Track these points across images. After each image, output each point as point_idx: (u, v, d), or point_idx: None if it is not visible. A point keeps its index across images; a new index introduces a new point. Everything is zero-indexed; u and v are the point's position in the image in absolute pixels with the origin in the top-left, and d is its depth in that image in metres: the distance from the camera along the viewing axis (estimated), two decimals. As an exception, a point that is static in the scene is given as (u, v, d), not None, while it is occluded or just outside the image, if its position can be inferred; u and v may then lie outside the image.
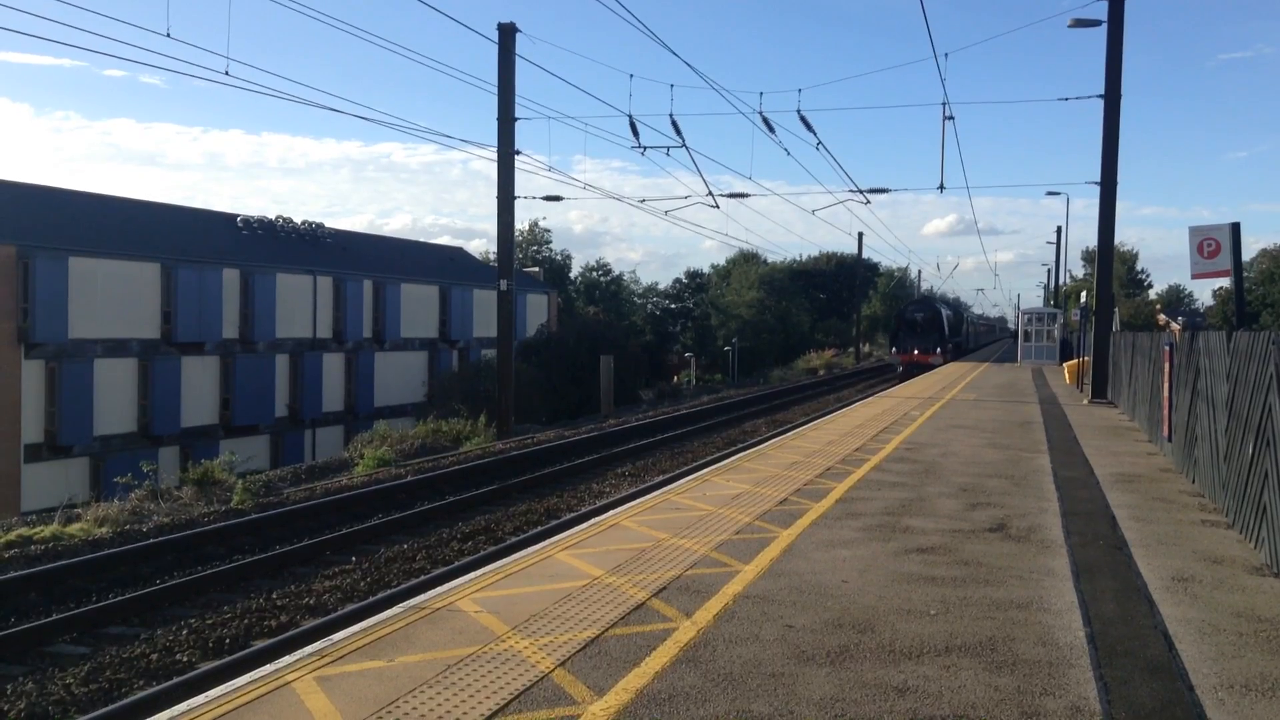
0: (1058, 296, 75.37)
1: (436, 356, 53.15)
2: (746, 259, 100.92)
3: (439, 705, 5.37)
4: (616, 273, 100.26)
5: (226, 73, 19.89)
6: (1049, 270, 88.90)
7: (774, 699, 5.52)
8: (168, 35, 17.20)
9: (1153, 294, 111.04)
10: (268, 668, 5.99)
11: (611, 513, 10.78)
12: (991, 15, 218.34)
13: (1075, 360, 36.37)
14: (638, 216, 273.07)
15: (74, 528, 15.18)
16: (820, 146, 26.38)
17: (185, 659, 9.68)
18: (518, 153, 28.34)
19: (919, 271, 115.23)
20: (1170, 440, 15.75)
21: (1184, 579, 8.32)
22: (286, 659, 6.13)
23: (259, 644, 9.90)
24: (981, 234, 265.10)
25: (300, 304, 44.72)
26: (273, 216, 50.52)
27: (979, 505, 11.40)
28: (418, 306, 52.41)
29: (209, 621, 10.72)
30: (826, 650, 6.33)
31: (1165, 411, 16.30)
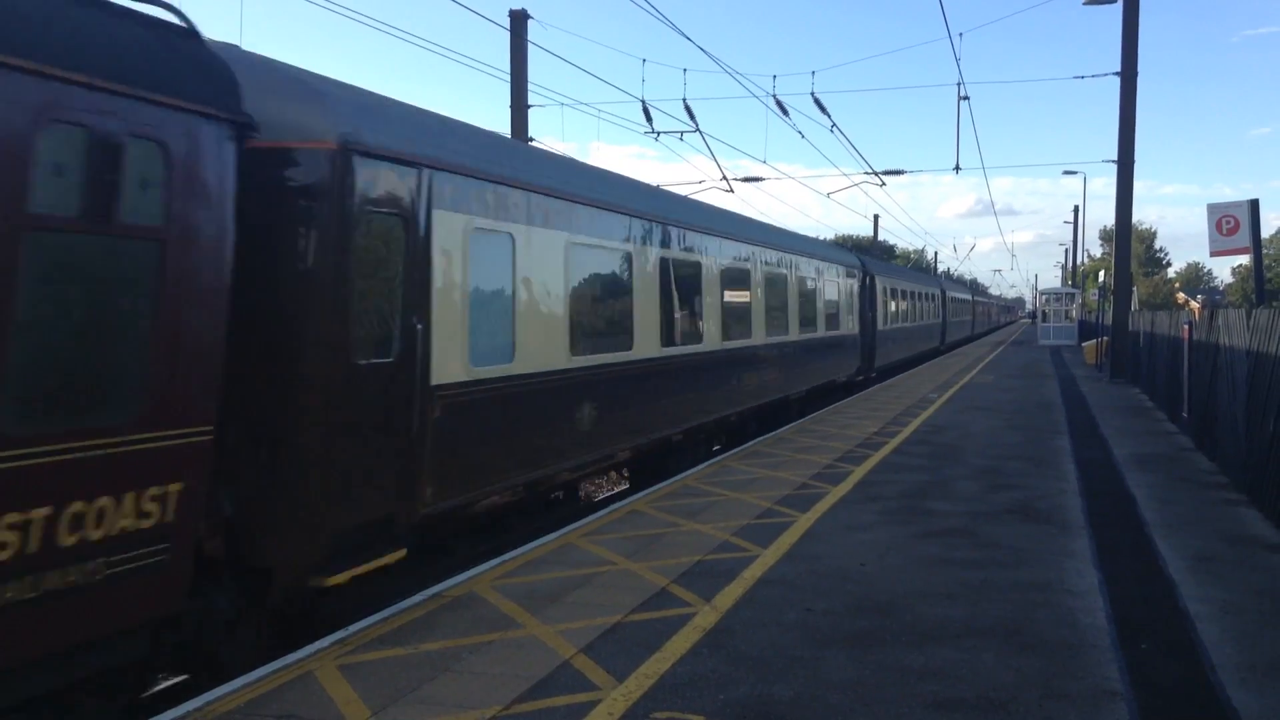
0: (1075, 276, 74.89)
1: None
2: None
3: (461, 692, 5.39)
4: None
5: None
6: (1066, 250, 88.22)
7: (796, 683, 5.52)
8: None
9: (1171, 272, 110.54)
10: (291, 656, 6.02)
11: (628, 500, 10.79)
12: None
13: (1094, 340, 36.19)
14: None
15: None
16: (835, 129, 26.11)
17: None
18: (532, 140, 28.29)
19: (935, 253, 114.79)
20: (1190, 419, 15.66)
21: (1205, 559, 8.28)
22: (309, 648, 6.16)
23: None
24: (999, 214, 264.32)
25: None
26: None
27: (999, 487, 11.37)
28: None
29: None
30: (847, 634, 6.33)
31: (1185, 390, 16.20)
